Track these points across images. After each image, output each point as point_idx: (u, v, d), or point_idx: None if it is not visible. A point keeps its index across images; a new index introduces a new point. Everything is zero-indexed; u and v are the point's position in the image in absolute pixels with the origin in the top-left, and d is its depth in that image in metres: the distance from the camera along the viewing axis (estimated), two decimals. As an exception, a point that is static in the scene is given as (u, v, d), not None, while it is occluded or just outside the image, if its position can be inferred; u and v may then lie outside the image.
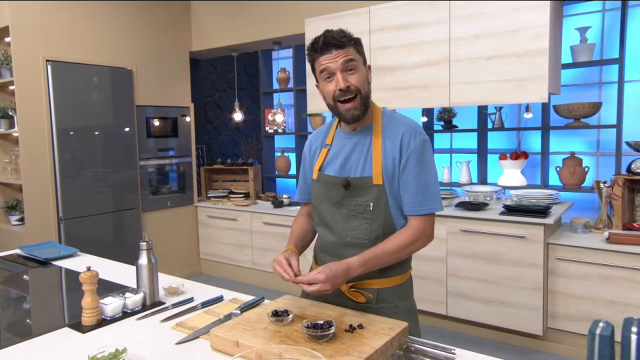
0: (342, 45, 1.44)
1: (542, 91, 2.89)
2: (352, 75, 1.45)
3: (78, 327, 1.53)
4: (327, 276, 1.35)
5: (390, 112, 1.57)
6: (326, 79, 1.48)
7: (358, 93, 1.46)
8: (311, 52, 1.50)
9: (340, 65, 1.43)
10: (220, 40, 4.59)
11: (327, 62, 1.45)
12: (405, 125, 1.50)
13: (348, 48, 1.45)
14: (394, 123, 1.51)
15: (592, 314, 2.87)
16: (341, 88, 1.44)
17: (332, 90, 1.46)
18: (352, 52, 1.45)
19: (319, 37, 1.47)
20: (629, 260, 2.74)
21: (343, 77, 1.44)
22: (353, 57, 1.45)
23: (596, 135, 4.13)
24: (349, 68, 1.44)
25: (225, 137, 6.06)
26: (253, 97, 6.33)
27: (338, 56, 1.43)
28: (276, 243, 4.30)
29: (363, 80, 1.47)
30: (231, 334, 1.34)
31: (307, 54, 1.53)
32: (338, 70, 1.44)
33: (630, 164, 3.02)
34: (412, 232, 1.46)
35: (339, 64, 1.43)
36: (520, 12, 2.90)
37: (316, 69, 1.51)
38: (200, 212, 4.84)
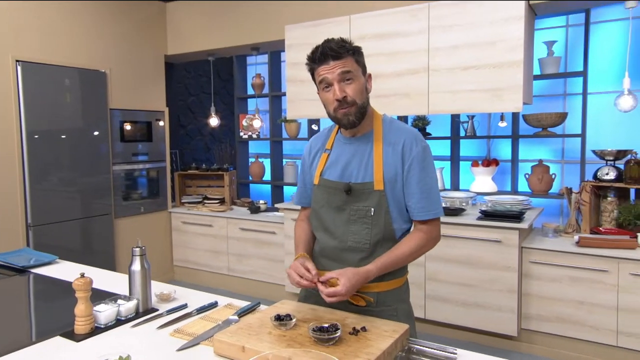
0: (339, 56, 1.46)
1: (517, 101, 3.00)
2: (349, 85, 1.47)
3: (71, 335, 1.48)
4: (348, 289, 1.38)
5: (391, 119, 1.60)
6: (324, 88, 1.51)
7: (353, 103, 1.48)
8: (310, 62, 1.52)
9: (337, 76, 1.46)
10: (197, 45, 4.54)
11: (324, 73, 1.48)
12: (406, 132, 1.53)
13: (346, 59, 1.47)
14: (395, 130, 1.54)
15: (563, 315, 2.99)
16: (338, 98, 1.47)
17: (331, 99, 1.50)
18: (350, 62, 1.47)
19: (318, 47, 1.49)
20: (597, 262, 2.87)
21: (340, 88, 1.46)
22: (350, 68, 1.47)
23: (561, 144, 4.32)
24: (347, 78, 1.47)
25: (198, 142, 5.98)
26: (226, 102, 6.27)
27: (335, 67, 1.46)
28: (253, 249, 4.26)
29: (360, 89, 1.49)
30: (236, 339, 1.33)
31: (306, 64, 1.55)
32: (335, 80, 1.46)
33: (596, 171, 3.17)
34: (422, 236, 1.51)
35: (335, 74, 1.46)
36: (496, 24, 3.01)
37: (315, 78, 1.53)
38: (174, 218, 4.75)
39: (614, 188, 3.13)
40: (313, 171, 1.67)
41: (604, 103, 4.01)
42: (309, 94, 3.81)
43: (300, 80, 3.84)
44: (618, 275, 2.83)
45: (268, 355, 1.22)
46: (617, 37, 4.04)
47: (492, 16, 3.02)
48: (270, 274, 4.19)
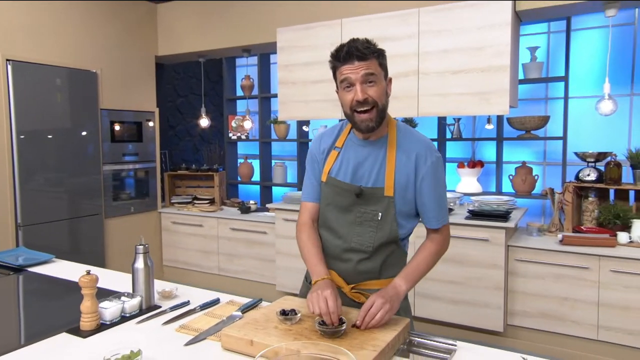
0: (364, 57, 1.43)
1: (503, 104, 3.08)
2: (371, 87, 1.45)
3: (76, 332, 1.48)
4: (385, 298, 1.39)
5: (405, 126, 1.60)
6: (345, 88, 1.48)
7: (375, 105, 1.46)
8: (334, 60, 1.49)
9: (360, 77, 1.43)
10: (188, 46, 4.53)
11: (348, 73, 1.45)
12: (421, 142, 1.54)
13: (370, 60, 1.44)
14: (409, 138, 1.55)
15: (547, 311, 3.08)
16: (359, 100, 1.44)
17: (350, 99, 1.46)
18: (374, 64, 1.45)
19: (343, 45, 1.46)
20: (579, 260, 2.96)
21: (362, 89, 1.44)
22: (374, 71, 1.44)
23: (543, 146, 4.43)
24: (369, 80, 1.44)
25: (187, 143, 5.95)
26: (215, 103, 6.26)
27: (360, 68, 1.43)
28: (244, 249, 4.27)
29: (381, 93, 1.48)
30: (244, 334, 1.35)
31: (329, 61, 1.52)
32: (358, 81, 1.44)
33: (578, 173, 3.27)
34: (437, 244, 1.58)
35: (359, 75, 1.43)
36: (484, 30, 3.08)
37: (337, 77, 1.50)
38: (164, 218, 4.73)
39: (595, 189, 3.23)
40: (321, 168, 1.64)
41: (584, 107, 4.13)
42: (300, 95, 3.85)
43: (291, 82, 3.86)
44: (599, 272, 2.92)
45: (277, 348, 1.25)
46: (595, 44, 4.17)
47: (480, 22, 3.09)
48: (262, 273, 4.20)
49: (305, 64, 3.77)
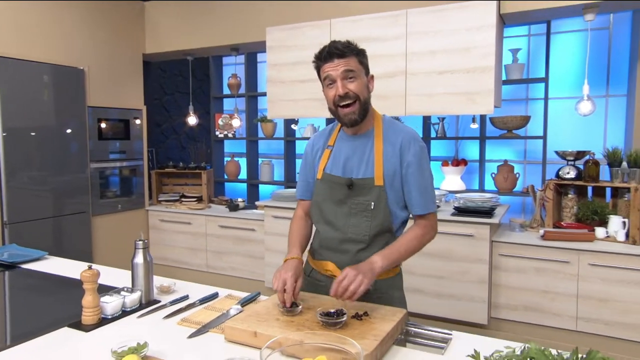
0: (343, 54, 1.52)
1: (489, 104, 3.15)
2: (351, 82, 1.54)
3: (78, 326, 1.49)
4: (357, 270, 1.39)
5: (390, 119, 1.67)
6: (328, 85, 1.57)
7: (357, 99, 1.55)
8: (317, 60, 1.59)
9: (340, 74, 1.53)
10: (176, 44, 4.51)
11: (329, 70, 1.54)
12: (405, 132, 1.61)
13: (350, 58, 1.53)
14: (395, 129, 1.62)
15: (529, 303, 3.16)
16: (340, 94, 1.53)
17: (333, 95, 1.56)
18: (354, 62, 1.54)
19: (325, 47, 1.56)
20: (559, 254, 3.06)
21: (342, 85, 1.53)
22: (353, 68, 1.53)
23: (523, 145, 4.54)
24: (349, 76, 1.53)
25: (173, 141, 5.91)
26: (201, 101, 6.22)
27: (339, 65, 1.52)
28: (232, 246, 4.27)
29: (362, 87, 1.56)
30: (247, 325, 1.37)
31: (313, 62, 1.61)
32: (338, 77, 1.53)
33: (558, 170, 3.36)
34: (422, 228, 1.59)
35: (339, 72, 1.53)
36: (470, 32, 3.15)
37: (321, 75, 1.60)
38: (152, 216, 4.70)
39: (574, 186, 3.33)
40: (316, 166, 1.71)
41: (562, 107, 4.25)
42: (288, 94, 3.87)
43: (280, 81, 3.88)
44: (578, 265, 3.02)
45: (281, 339, 1.27)
46: (573, 47, 4.29)
47: (466, 24, 3.16)
48: (250, 270, 4.21)
49: (294, 63, 3.79)
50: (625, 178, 3.13)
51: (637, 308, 2.90)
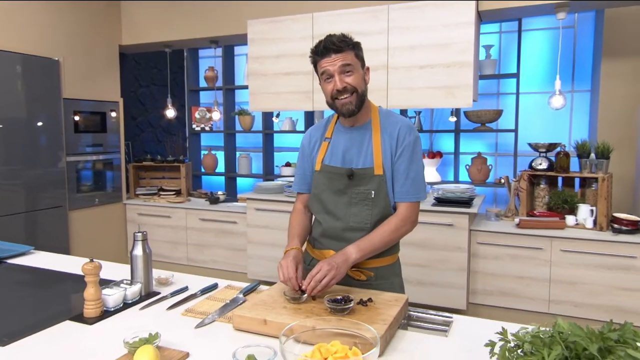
0: (340, 49, 1.53)
1: (467, 98, 3.22)
2: (348, 76, 1.55)
3: (80, 319, 1.45)
4: (328, 263, 1.43)
5: (387, 110, 1.70)
6: (326, 79, 1.58)
7: (354, 91, 1.56)
8: (313, 55, 1.59)
9: (338, 68, 1.53)
10: (154, 36, 4.39)
11: (326, 65, 1.55)
12: (401, 122, 1.63)
13: (346, 52, 1.54)
14: (391, 120, 1.64)
15: (505, 289, 3.27)
16: (338, 89, 1.54)
17: (331, 89, 1.57)
18: (350, 56, 1.55)
19: (321, 41, 1.56)
20: (533, 241, 3.17)
21: (340, 79, 1.54)
22: (350, 62, 1.54)
23: (495, 138, 4.67)
24: (347, 70, 1.54)
25: (149, 134, 5.77)
26: (176, 94, 6.09)
27: (336, 60, 1.53)
28: (213, 239, 4.22)
29: (359, 80, 1.58)
30: (256, 313, 1.37)
31: (310, 56, 1.61)
32: (336, 72, 1.54)
33: (531, 162, 3.48)
34: (399, 219, 1.59)
35: (336, 67, 1.53)
36: (450, 28, 3.21)
37: (318, 70, 1.60)
38: (130, 209, 4.59)
39: (546, 176, 3.45)
40: (313, 159, 1.72)
41: (531, 102, 4.39)
42: (271, 87, 3.84)
43: (262, 74, 3.85)
44: (551, 252, 3.15)
45: (293, 326, 1.28)
46: (541, 44, 4.44)
47: (446, 20, 3.21)
48: (232, 262, 4.18)
49: (277, 56, 3.76)
50: (593, 169, 3.27)
51: (603, 290, 3.05)
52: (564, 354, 0.66)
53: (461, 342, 1.33)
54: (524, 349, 0.72)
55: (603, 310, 3.07)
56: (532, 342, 0.71)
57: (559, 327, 0.72)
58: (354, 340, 1.20)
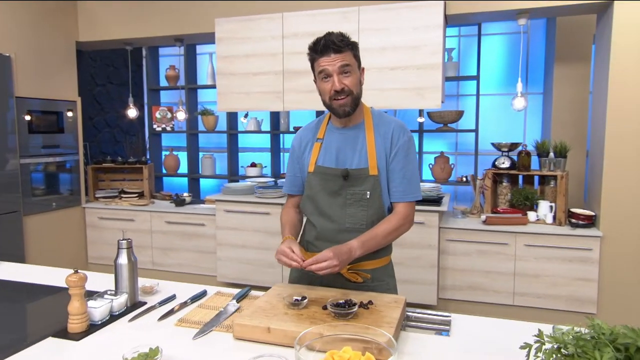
0: (339, 49, 1.50)
1: (436, 99, 3.27)
2: (346, 77, 1.52)
3: (65, 335, 1.33)
4: (335, 253, 1.40)
5: (379, 112, 1.67)
6: (323, 79, 1.54)
7: (351, 93, 1.54)
8: (312, 53, 1.54)
9: (337, 69, 1.50)
10: (115, 33, 4.16)
11: (325, 65, 1.51)
12: (394, 123, 1.62)
13: (345, 52, 1.51)
14: (384, 121, 1.62)
15: (473, 283, 3.35)
16: (336, 89, 1.51)
17: (329, 89, 1.53)
18: (349, 56, 1.52)
19: (320, 39, 1.52)
20: (499, 237, 3.27)
21: (339, 80, 1.51)
22: (349, 62, 1.52)
23: (455, 138, 4.79)
24: (345, 71, 1.51)
25: (106, 134, 5.49)
26: (134, 93, 5.83)
27: (336, 60, 1.50)
28: (180, 242, 4.07)
29: (356, 82, 1.55)
30: (258, 321, 1.31)
31: (307, 53, 1.56)
32: (335, 73, 1.50)
33: (494, 161, 3.59)
34: (399, 217, 1.58)
35: (336, 67, 1.50)
36: (420, 31, 3.24)
37: (315, 68, 1.56)
38: (89, 213, 4.33)
39: (508, 175, 3.57)
40: (305, 160, 1.67)
41: (488, 103, 4.54)
42: (241, 87, 3.74)
43: (231, 74, 3.74)
44: (515, 247, 3.25)
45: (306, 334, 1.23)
46: (497, 48, 4.59)
47: (416, 23, 3.24)
48: (200, 265, 4.04)
49: (247, 55, 3.66)
50: (552, 167, 3.41)
51: (563, 281, 3.19)
52: (615, 356, 0.65)
53: (463, 341, 1.33)
54: (567, 350, 0.71)
55: (563, 300, 3.21)
56: (577, 344, 0.70)
57: (600, 329, 0.71)
58: (364, 345, 1.17)
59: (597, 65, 3.34)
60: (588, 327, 0.77)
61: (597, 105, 3.30)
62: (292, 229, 1.66)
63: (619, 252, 3.12)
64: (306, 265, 1.41)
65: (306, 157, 1.68)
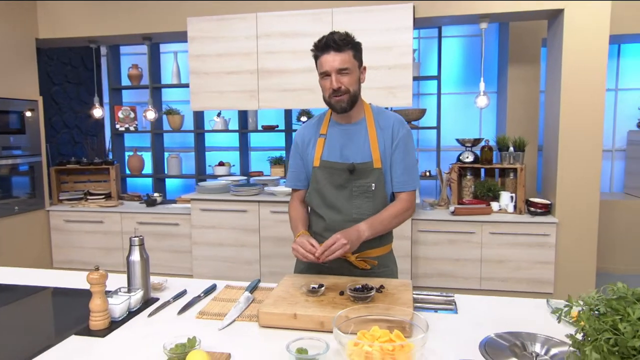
0: (339, 48, 1.56)
1: (407, 97, 3.41)
2: (345, 77, 1.58)
3: (89, 332, 1.32)
4: (342, 234, 1.47)
5: (378, 107, 1.75)
6: (323, 77, 1.61)
7: (347, 92, 1.60)
8: (315, 50, 1.61)
9: (335, 69, 1.57)
10: (79, 30, 3.99)
11: (325, 63, 1.58)
12: (393, 117, 1.70)
13: (345, 52, 1.57)
14: (384, 116, 1.70)
15: (443, 271, 3.53)
16: (334, 88, 1.58)
17: (328, 87, 1.60)
18: (348, 56, 1.58)
19: (323, 37, 1.58)
20: (467, 226, 3.46)
21: (337, 79, 1.58)
22: (347, 63, 1.58)
23: (416, 135, 4.99)
24: (343, 71, 1.58)
25: (64, 135, 5.24)
26: (93, 92, 5.60)
27: (335, 60, 1.57)
28: (152, 242, 3.98)
29: (354, 81, 1.62)
30: (284, 309, 1.36)
31: (312, 50, 1.63)
32: (333, 72, 1.57)
33: (459, 155, 3.78)
34: (404, 203, 1.67)
35: (334, 68, 1.57)
36: (391, 32, 3.36)
37: (317, 66, 1.63)
38: (54, 216, 4.14)
39: (472, 168, 3.77)
40: (309, 155, 1.72)
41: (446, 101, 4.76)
42: (214, 86, 3.71)
43: (204, 73, 3.70)
44: (481, 235, 3.45)
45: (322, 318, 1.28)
46: (454, 50, 4.83)
47: (387, 25, 3.36)
48: (175, 265, 3.97)
49: (220, 54, 3.64)
50: (512, 160, 3.64)
51: (525, 265, 3.42)
52: (644, 311, 0.77)
53: (471, 316, 1.44)
54: (599, 310, 0.82)
55: (525, 282, 3.44)
56: (608, 304, 0.81)
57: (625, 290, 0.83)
58: (388, 325, 1.24)
59: (550, 66, 3.61)
60: (610, 291, 0.88)
61: (551, 103, 3.57)
62: (304, 223, 1.71)
63: (572, 236, 3.39)
64: (321, 257, 1.46)
65: (310, 152, 1.73)
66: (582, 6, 3.22)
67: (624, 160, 4.80)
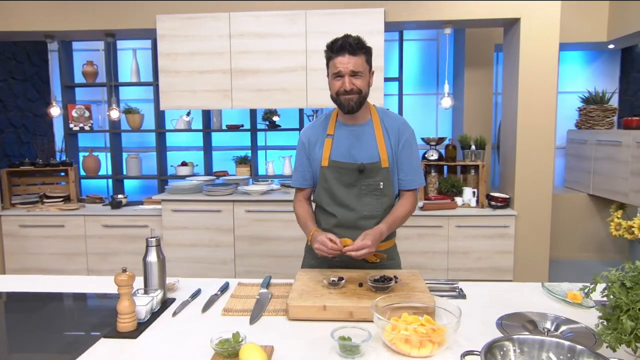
0: (354, 52, 1.63)
1: (379, 98, 3.53)
2: (357, 79, 1.65)
3: (117, 334, 1.30)
4: (372, 240, 1.55)
5: (382, 109, 1.83)
6: (335, 77, 1.66)
7: (359, 93, 1.67)
8: (329, 51, 1.66)
9: (349, 71, 1.63)
10: (34, 24, 3.75)
11: (339, 66, 1.63)
12: (398, 119, 1.79)
13: (359, 56, 1.64)
14: (389, 118, 1.79)
15: (413, 264, 3.69)
16: (346, 89, 1.64)
17: (339, 87, 1.66)
18: (361, 60, 1.65)
19: (339, 39, 1.64)
20: (435, 221, 3.64)
21: (349, 81, 1.64)
22: (361, 66, 1.64)
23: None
24: (356, 74, 1.64)
25: (10, 135, 4.90)
26: (40, 90, 5.28)
27: (349, 63, 1.62)
28: (119, 245, 3.83)
29: (365, 84, 1.69)
30: (313, 301, 1.41)
31: (325, 50, 1.67)
32: (347, 74, 1.63)
33: (424, 154, 3.96)
34: (411, 201, 1.79)
35: (348, 70, 1.63)
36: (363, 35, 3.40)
37: (330, 66, 1.68)
38: (7, 222, 3.87)
39: (436, 165, 3.97)
40: (316, 155, 1.77)
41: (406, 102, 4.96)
42: (186, 85, 3.64)
43: (175, 71, 3.62)
44: (448, 228, 3.65)
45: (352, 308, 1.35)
46: (412, 53, 5.04)
47: (359, 27, 3.46)
48: (144, 268, 3.84)
49: (192, 53, 3.58)
50: (474, 158, 3.88)
51: (487, 255, 3.66)
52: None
53: (478, 301, 1.57)
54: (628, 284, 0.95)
55: (488, 271, 3.69)
56: (633, 279, 0.94)
57: None
58: (414, 311, 1.33)
59: (506, 70, 3.87)
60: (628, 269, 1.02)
61: (508, 104, 3.83)
62: (313, 220, 1.76)
63: (529, 227, 3.68)
64: (346, 251, 1.52)
65: (317, 152, 1.77)
66: (536, 16, 3.50)
67: (564, 157, 5.24)
